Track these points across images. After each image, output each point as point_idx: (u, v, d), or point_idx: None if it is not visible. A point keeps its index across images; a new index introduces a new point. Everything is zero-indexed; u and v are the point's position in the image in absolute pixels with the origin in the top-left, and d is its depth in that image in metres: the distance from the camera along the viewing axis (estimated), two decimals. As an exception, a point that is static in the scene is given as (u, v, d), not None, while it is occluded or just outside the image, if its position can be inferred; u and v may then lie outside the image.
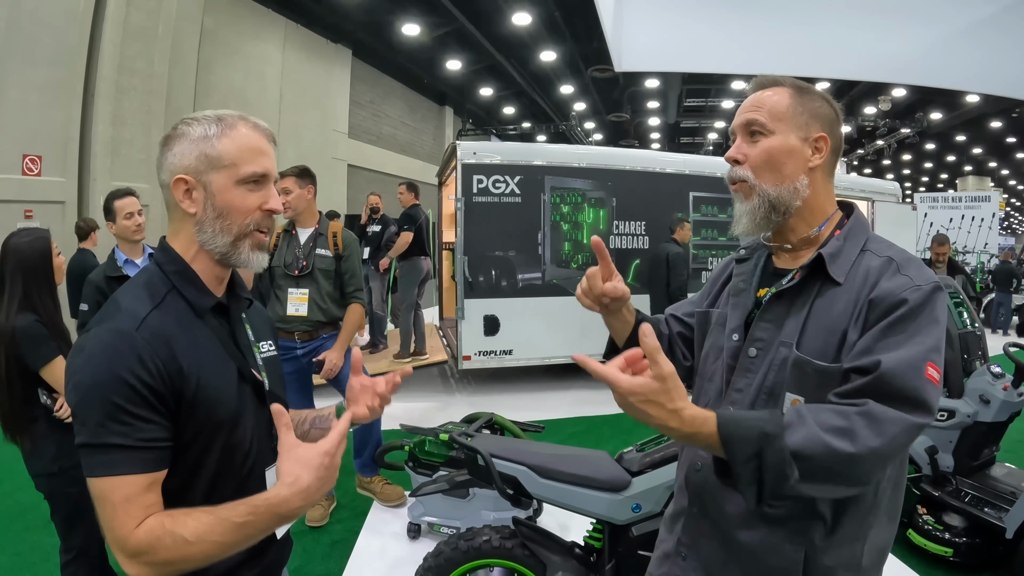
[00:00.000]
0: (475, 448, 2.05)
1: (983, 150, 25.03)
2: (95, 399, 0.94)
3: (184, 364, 1.01)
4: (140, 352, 0.97)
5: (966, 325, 3.40)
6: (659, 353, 0.91)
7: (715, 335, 1.26)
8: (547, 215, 6.44)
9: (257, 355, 1.22)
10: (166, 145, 1.10)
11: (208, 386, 1.04)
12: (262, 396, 1.17)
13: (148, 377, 0.96)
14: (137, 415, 0.95)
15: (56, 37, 8.30)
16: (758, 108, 1.16)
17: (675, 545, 1.24)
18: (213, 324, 1.12)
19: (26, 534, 3.35)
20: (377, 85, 17.44)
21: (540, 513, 3.33)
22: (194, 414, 1.02)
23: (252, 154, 1.10)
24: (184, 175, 1.07)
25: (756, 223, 1.16)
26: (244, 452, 1.11)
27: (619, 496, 1.99)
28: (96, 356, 0.96)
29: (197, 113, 1.11)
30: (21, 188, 8.18)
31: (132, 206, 3.05)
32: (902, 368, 0.95)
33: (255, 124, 1.13)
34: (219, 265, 1.13)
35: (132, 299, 1.05)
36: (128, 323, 1.00)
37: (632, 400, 0.92)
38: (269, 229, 1.15)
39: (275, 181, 1.15)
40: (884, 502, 1.10)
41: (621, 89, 19.16)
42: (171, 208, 1.12)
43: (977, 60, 6.41)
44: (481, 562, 2.12)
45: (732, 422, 0.95)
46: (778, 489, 0.92)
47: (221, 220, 1.09)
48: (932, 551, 3.07)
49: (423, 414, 5.51)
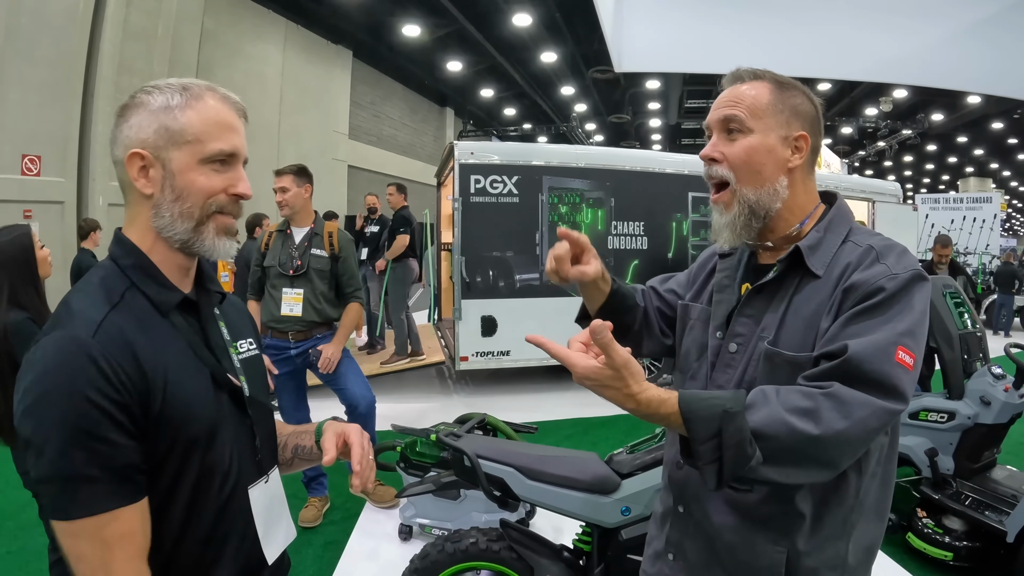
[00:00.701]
0: (462, 449, 2.01)
1: (984, 151, 24.96)
2: (55, 423, 0.81)
3: (148, 372, 0.88)
4: (99, 363, 0.84)
5: (967, 326, 3.36)
6: (611, 346, 0.92)
7: (697, 332, 1.23)
8: (545, 215, 6.41)
9: (234, 356, 1.08)
10: (122, 115, 0.96)
11: (176, 397, 0.90)
12: (242, 404, 1.03)
13: (113, 391, 0.83)
14: (107, 439, 0.82)
15: (56, 38, 8.31)
16: (736, 103, 1.11)
17: (664, 544, 1.23)
18: (180, 324, 0.98)
19: (19, 533, 3.33)
20: (378, 86, 17.46)
21: (533, 515, 3.30)
22: (162, 431, 0.89)
23: (219, 129, 0.96)
24: (140, 149, 0.93)
25: (737, 233, 1.12)
26: (224, 472, 0.97)
27: (608, 499, 1.95)
28: (50, 372, 0.82)
29: (160, 80, 0.97)
30: (20, 188, 8.19)
31: None
32: (870, 351, 0.92)
33: (224, 96, 0.99)
34: (181, 254, 0.99)
35: (85, 301, 0.91)
36: (83, 329, 0.86)
37: (587, 384, 0.95)
38: (236, 215, 1.01)
39: (245, 162, 1.02)
40: (869, 500, 1.07)
41: (622, 90, 19.14)
42: (126, 190, 0.98)
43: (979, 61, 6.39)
44: (468, 565, 2.09)
45: (694, 400, 0.94)
46: (738, 469, 0.90)
47: (180, 203, 0.95)
48: (932, 555, 3.03)
49: (420, 415, 5.49)
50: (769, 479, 0.92)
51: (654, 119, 22.20)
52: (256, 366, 1.13)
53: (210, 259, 1.01)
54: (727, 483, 0.92)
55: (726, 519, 1.10)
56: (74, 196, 8.91)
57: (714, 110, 1.14)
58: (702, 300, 1.27)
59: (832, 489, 1.03)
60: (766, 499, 1.05)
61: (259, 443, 1.05)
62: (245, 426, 1.03)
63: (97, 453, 0.82)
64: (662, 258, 6.78)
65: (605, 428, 5.40)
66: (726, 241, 1.14)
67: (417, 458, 3.11)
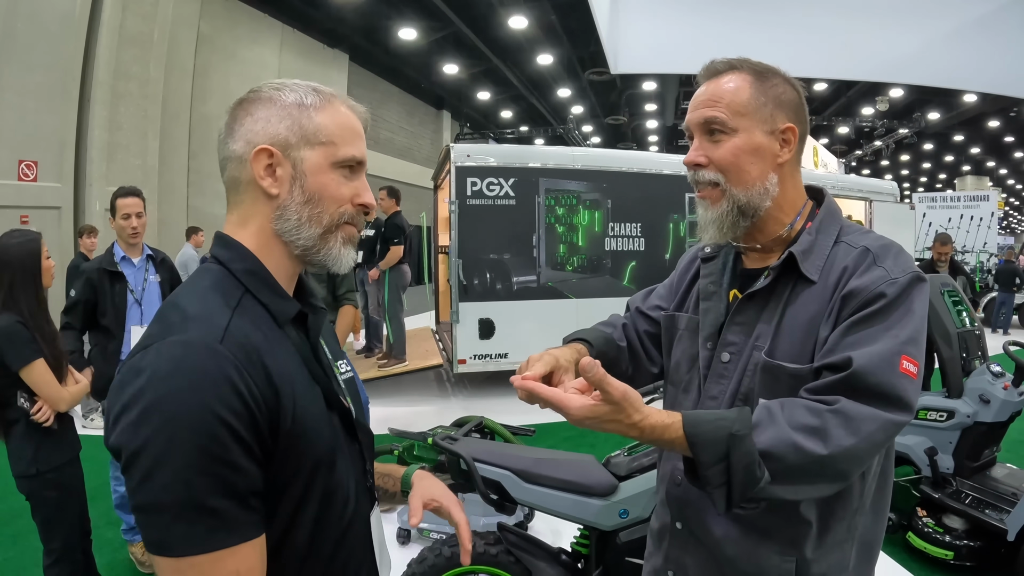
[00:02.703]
0: (458, 452, 2.00)
1: (981, 149, 25.01)
2: (176, 443, 0.69)
3: (279, 386, 0.79)
4: (231, 375, 0.73)
5: (965, 324, 3.36)
6: (605, 381, 0.87)
7: (686, 342, 1.18)
8: (542, 217, 6.41)
9: (339, 376, 0.99)
10: (243, 109, 0.89)
11: (306, 415, 0.82)
12: (351, 426, 0.94)
13: (245, 409, 0.73)
14: (234, 464, 0.72)
15: (52, 43, 8.31)
16: (715, 103, 1.04)
17: (663, 561, 1.19)
18: (295, 338, 0.88)
19: (15, 539, 3.32)
20: (374, 89, 17.45)
21: (532, 518, 3.28)
22: (292, 451, 0.80)
23: (352, 135, 0.90)
24: (270, 146, 0.86)
25: (723, 231, 1.06)
26: (344, 496, 0.90)
27: (606, 501, 1.94)
28: (170, 381, 0.71)
29: (278, 80, 0.91)
30: (17, 194, 8.18)
31: (131, 207, 3.03)
32: (875, 363, 0.90)
33: (352, 104, 0.94)
34: (295, 262, 0.91)
35: (201, 303, 0.81)
36: (208, 334, 0.75)
37: (587, 424, 0.90)
38: (360, 226, 0.95)
39: None
40: (869, 499, 1.05)
41: (618, 92, 19.15)
42: (239, 190, 0.89)
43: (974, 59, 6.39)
44: (466, 569, 2.07)
45: (698, 424, 0.91)
46: (748, 492, 0.88)
47: (311, 206, 0.88)
48: (932, 554, 3.02)
49: (418, 418, 5.46)
50: (777, 497, 0.90)
51: (650, 120, 22.22)
52: (354, 388, 1.04)
53: (332, 270, 0.93)
54: (737, 505, 0.90)
55: (729, 532, 1.06)
56: (71, 201, 8.90)
57: (692, 111, 1.08)
58: (686, 308, 1.22)
59: (836, 495, 1.00)
60: (770, 510, 1.02)
61: (368, 467, 0.99)
62: (355, 451, 0.95)
63: (222, 481, 0.71)
64: (659, 259, 6.78)
65: (604, 430, 5.39)
66: (711, 239, 1.09)
67: (415, 461, 3.11)
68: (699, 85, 1.09)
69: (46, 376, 2.24)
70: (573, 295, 6.46)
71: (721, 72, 1.07)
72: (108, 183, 9.06)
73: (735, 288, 1.13)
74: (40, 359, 2.23)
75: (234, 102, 0.90)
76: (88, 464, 2.52)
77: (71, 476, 2.39)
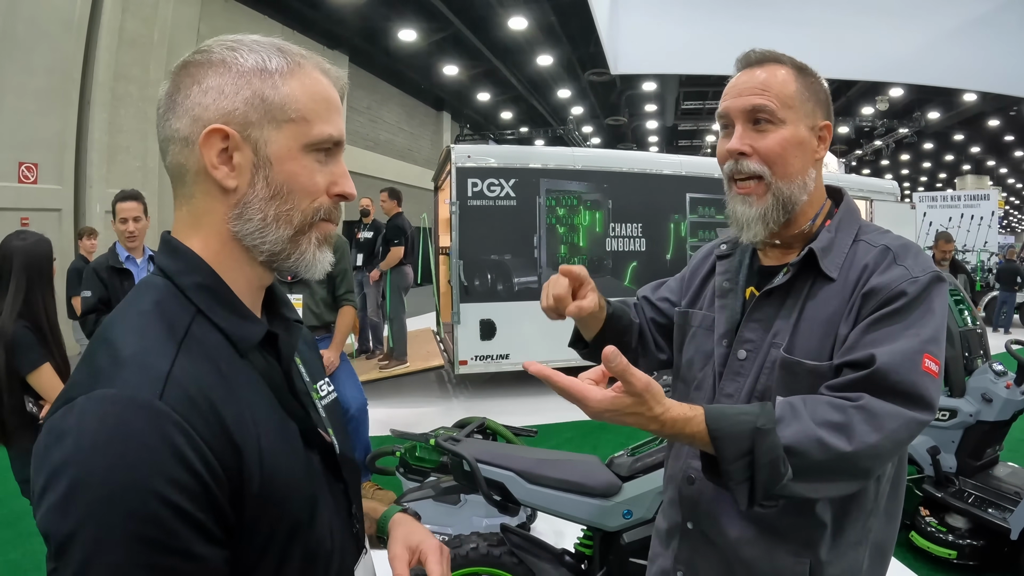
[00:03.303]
0: (460, 453, 2.00)
1: (981, 149, 25.01)
2: (106, 531, 0.55)
3: (240, 443, 0.63)
4: (175, 440, 0.58)
5: (967, 323, 3.36)
6: (629, 371, 0.84)
7: (700, 340, 1.17)
8: (543, 218, 6.41)
9: (318, 403, 0.84)
10: (188, 75, 0.69)
11: (278, 471, 0.66)
12: (334, 465, 0.80)
13: (195, 482, 0.58)
14: (188, 552, 0.58)
15: (52, 45, 8.32)
16: (764, 91, 1.01)
17: (672, 562, 1.18)
18: (260, 365, 0.72)
19: (20, 540, 3.32)
20: (374, 91, 17.46)
21: (534, 519, 3.28)
22: (262, 519, 0.65)
23: (327, 109, 0.72)
24: (224, 125, 0.67)
25: (769, 227, 1.04)
26: (327, 552, 0.75)
27: (609, 502, 1.94)
28: (99, 456, 0.56)
29: (233, 36, 0.73)
30: (17, 196, 8.18)
31: (130, 211, 3.06)
32: (897, 361, 0.90)
33: (326, 68, 0.75)
34: (261, 268, 0.74)
35: (137, 337, 0.64)
36: (144, 386, 0.59)
37: (607, 416, 0.87)
38: (337, 220, 0.77)
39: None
40: (883, 502, 1.05)
41: (618, 92, 19.16)
42: (187, 180, 0.70)
43: (974, 58, 6.40)
44: (469, 570, 2.07)
45: (722, 417, 0.88)
46: (771, 487, 0.86)
47: (278, 202, 0.70)
48: (935, 553, 3.01)
49: (419, 419, 5.46)
50: (798, 495, 0.89)
51: (651, 121, 22.24)
52: (337, 412, 0.88)
53: (306, 276, 0.76)
54: (759, 502, 0.88)
55: (743, 533, 1.05)
56: (71, 203, 8.90)
57: (736, 97, 1.04)
58: (700, 305, 1.21)
59: (851, 496, 1.00)
60: (786, 511, 1.01)
61: (355, 510, 0.85)
62: (339, 492, 0.81)
63: (168, 572, 0.57)
64: (660, 259, 6.78)
65: (605, 431, 5.38)
66: (754, 236, 1.06)
67: (416, 463, 3.09)
68: (736, 72, 1.07)
69: (53, 380, 2.23)
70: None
71: (761, 62, 1.05)
72: (108, 185, 9.07)
73: (751, 285, 1.13)
74: (47, 363, 2.23)
75: (177, 64, 0.71)
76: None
77: None
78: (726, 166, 1.07)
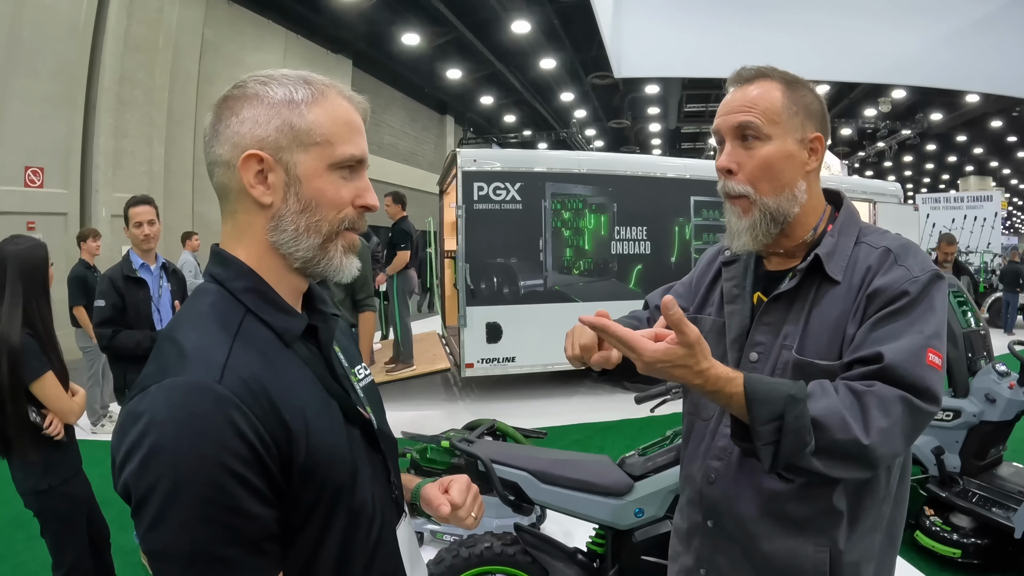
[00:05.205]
0: (475, 454, 2.03)
1: (984, 150, 24.98)
2: (179, 494, 0.66)
3: (288, 419, 0.74)
4: (234, 417, 0.69)
5: (970, 324, 3.38)
6: (684, 323, 0.88)
7: (711, 344, 1.18)
8: (548, 221, 6.44)
9: (356, 385, 0.95)
10: (228, 108, 0.80)
11: (321, 443, 0.77)
12: (373, 438, 0.90)
13: (251, 454, 0.69)
14: (244, 511, 0.68)
15: (57, 50, 8.38)
16: (750, 108, 1.06)
17: (694, 561, 1.21)
18: (304, 354, 0.83)
19: (28, 543, 3.34)
20: (378, 95, 17.50)
21: (544, 519, 3.31)
22: (308, 483, 0.76)
23: (349, 132, 0.83)
24: (259, 151, 0.78)
25: (757, 239, 1.09)
26: (369, 517, 0.85)
27: (621, 501, 1.97)
28: (171, 431, 0.67)
29: (265, 72, 0.83)
30: (23, 200, 8.23)
31: (143, 215, 3.06)
32: (903, 357, 0.95)
33: (349, 95, 0.86)
34: (297, 274, 0.85)
35: (197, 334, 0.76)
36: (206, 373, 0.71)
37: (658, 368, 0.91)
38: (362, 230, 0.88)
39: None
40: (894, 489, 1.12)
41: (621, 96, 19.18)
42: (232, 198, 0.82)
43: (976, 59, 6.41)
44: (483, 569, 2.11)
45: (759, 382, 0.94)
46: (793, 455, 0.91)
47: (308, 215, 0.81)
48: (940, 553, 3.04)
49: (427, 422, 5.49)
50: (814, 469, 0.93)
51: (654, 124, 22.24)
52: (374, 393, 0.99)
53: (335, 280, 0.88)
54: (780, 467, 0.93)
55: (763, 528, 1.09)
56: (77, 208, 8.96)
57: (725, 115, 1.09)
58: (709, 310, 1.24)
59: (864, 484, 1.06)
60: (803, 501, 1.06)
61: (393, 478, 0.95)
62: (378, 462, 0.91)
63: (232, 530, 0.68)
64: (665, 262, 6.81)
65: (612, 432, 5.41)
66: (744, 246, 1.11)
67: (428, 464, 3.14)
68: (728, 90, 1.11)
69: (56, 389, 2.18)
70: (580, 298, 6.49)
71: (751, 79, 1.09)
72: (114, 189, 9.13)
73: (758, 291, 1.17)
74: (50, 372, 2.17)
75: (218, 98, 0.82)
76: (100, 469, 2.54)
77: (79, 487, 2.35)
78: (719, 183, 1.13)
